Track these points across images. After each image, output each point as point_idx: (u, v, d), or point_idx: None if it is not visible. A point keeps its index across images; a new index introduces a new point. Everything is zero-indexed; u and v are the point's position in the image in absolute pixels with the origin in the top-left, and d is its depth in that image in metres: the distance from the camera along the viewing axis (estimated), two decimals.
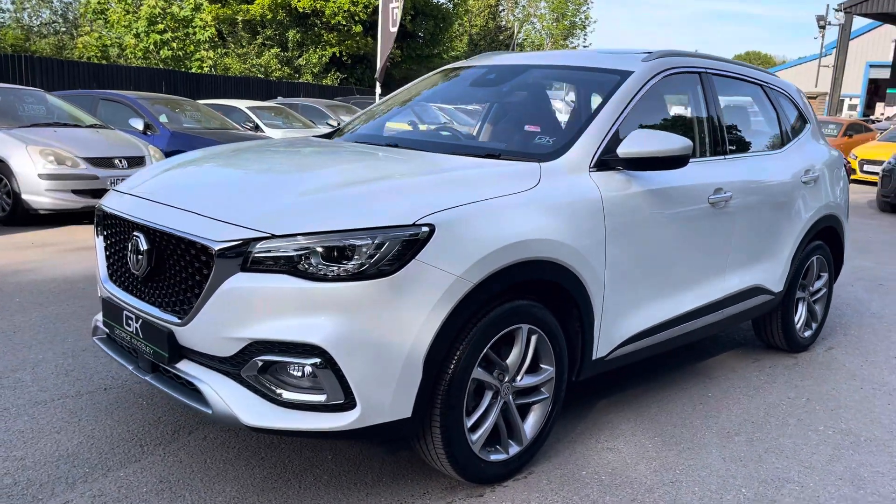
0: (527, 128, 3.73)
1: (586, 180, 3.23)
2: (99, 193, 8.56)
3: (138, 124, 10.60)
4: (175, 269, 2.76)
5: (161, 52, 22.36)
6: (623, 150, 3.29)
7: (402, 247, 2.56)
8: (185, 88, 20.84)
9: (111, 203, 3.17)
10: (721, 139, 4.12)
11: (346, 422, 2.57)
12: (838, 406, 4.13)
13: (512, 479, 3.10)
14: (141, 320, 2.88)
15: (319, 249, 2.54)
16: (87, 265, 6.41)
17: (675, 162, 3.33)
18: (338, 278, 2.53)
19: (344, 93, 25.16)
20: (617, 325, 3.42)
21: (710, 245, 3.95)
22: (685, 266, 3.81)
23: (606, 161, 3.33)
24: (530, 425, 3.15)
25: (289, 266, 2.55)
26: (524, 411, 3.14)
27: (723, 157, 4.09)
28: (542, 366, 3.12)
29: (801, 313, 4.99)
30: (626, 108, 3.51)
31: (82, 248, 7.20)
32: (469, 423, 2.88)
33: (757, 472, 3.30)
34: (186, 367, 2.77)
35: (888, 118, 32.67)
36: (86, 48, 22.53)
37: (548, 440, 3.30)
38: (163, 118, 11.05)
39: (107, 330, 3.17)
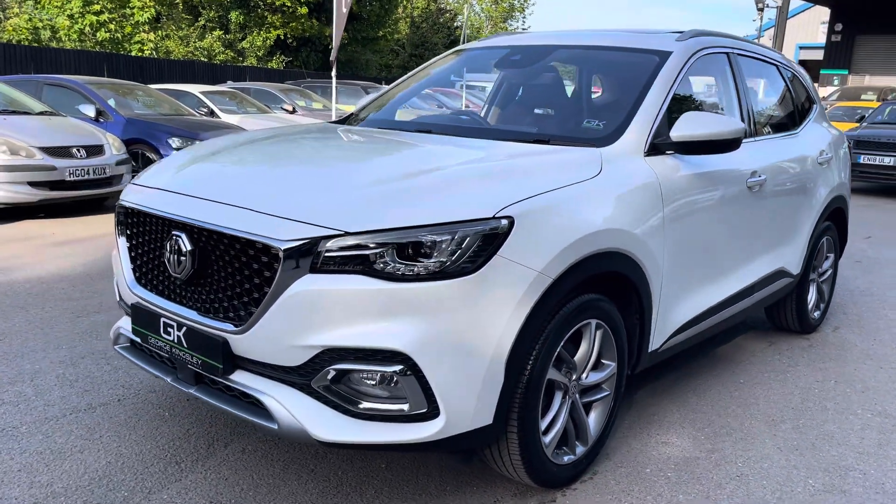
0: (594, 95, 3.54)
1: (643, 165, 3.10)
2: (57, 185, 8.07)
3: (89, 111, 10.04)
4: (227, 272, 2.51)
5: (98, 34, 21.30)
6: (677, 134, 3.17)
7: (483, 242, 2.38)
8: (128, 72, 19.90)
9: (136, 199, 2.88)
10: (752, 121, 4.04)
11: (430, 432, 2.38)
12: (866, 388, 4.12)
13: (579, 481, 2.96)
14: (185, 328, 2.62)
15: (397, 247, 2.33)
16: (60, 264, 6.00)
17: (728, 145, 3.22)
18: (418, 278, 2.33)
19: (293, 76, 24.51)
20: (670, 314, 3.31)
21: (747, 229, 3.88)
22: (726, 251, 3.72)
23: (657, 145, 3.19)
24: (593, 424, 3.01)
25: (364, 266, 2.33)
26: (587, 410, 3.00)
27: (753, 139, 4.01)
28: (603, 361, 2.99)
29: (812, 294, 4.99)
30: (670, 89, 3.38)
31: (51, 245, 6.75)
32: (542, 425, 2.73)
33: (816, 460, 3.24)
34: (243, 379, 2.53)
35: (823, 98, 33.69)
36: (16, 31, 21.31)
37: None
38: (112, 103, 10.49)
39: (136, 339, 2.88)
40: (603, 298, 2.85)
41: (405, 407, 2.37)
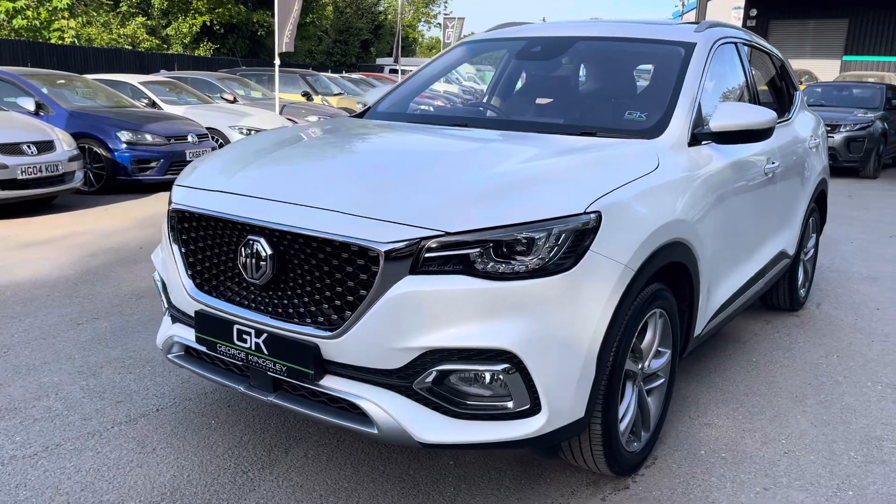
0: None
1: (691, 156, 3.18)
2: (8, 184, 7.63)
3: (28, 104, 9.53)
4: (314, 276, 2.45)
5: (14, 21, 20.12)
6: (716, 124, 3.25)
7: (576, 237, 2.40)
8: (52, 62, 18.87)
9: (196, 202, 2.77)
10: None
11: (533, 428, 2.39)
12: (867, 361, 4.35)
13: (644, 466, 3.04)
14: (266, 335, 2.54)
15: (497, 246, 2.33)
16: (35, 268, 5.70)
17: (762, 135, 3.33)
18: (518, 276, 2.33)
19: (223, 64, 23.79)
20: (711, 299, 3.42)
21: (763, 213, 4.03)
22: (749, 235, 3.86)
23: (696, 136, 3.28)
24: (653, 411, 3.09)
25: (464, 265, 2.32)
26: (647, 397, 3.07)
27: None
28: (660, 349, 3.06)
29: (800, 273, 5.22)
30: (701, 80, 3.47)
31: (16, 248, 6.39)
32: (619, 415, 2.79)
33: (849, 433, 3.41)
34: (334, 384, 2.48)
35: None
36: None
37: None
38: (50, 95, 9.96)
39: (200, 347, 2.78)
40: (665, 288, 2.92)
41: (510, 405, 2.37)
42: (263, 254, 2.50)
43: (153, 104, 12.28)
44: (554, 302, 2.37)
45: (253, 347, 2.59)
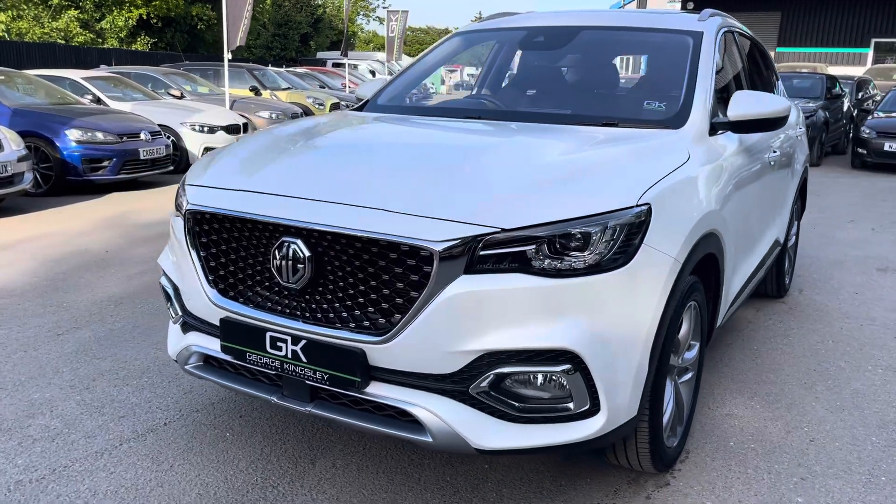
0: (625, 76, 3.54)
1: (713, 145, 3.15)
2: None
3: None
4: (359, 278, 2.31)
5: None
6: (733, 113, 3.23)
7: (630, 231, 2.33)
8: None
9: (217, 203, 2.59)
10: None
11: (592, 429, 2.32)
12: (861, 345, 4.43)
13: (678, 461, 3.00)
14: (304, 342, 2.40)
15: (552, 242, 2.24)
16: None
17: (776, 123, 3.31)
18: (575, 272, 2.25)
19: (165, 59, 22.96)
20: (729, 289, 3.40)
21: (766, 202, 4.05)
22: (757, 224, 3.87)
23: (714, 125, 3.25)
24: (685, 404, 3.05)
25: (520, 263, 2.23)
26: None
27: None
28: (691, 342, 3.02)
29: (785, 260, 5.29)
30: (712, 69, 3.44)
31: None
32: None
33: (865, 418, 3.45)
34: (381, 391, 2.35)
35: None
36: None
37: None
38: None
39: (226, 356, 2.61)
40: (698, 280, 2.88)
41: (571, 406, 2.29)
42: (301, 256, 2.36)
43: (98, 101, 11.78)
44: (613, 298, 2.29)
45: (289, 355, 2.44)
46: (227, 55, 14.06)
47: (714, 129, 3.24)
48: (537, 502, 2.69)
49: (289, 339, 2.43)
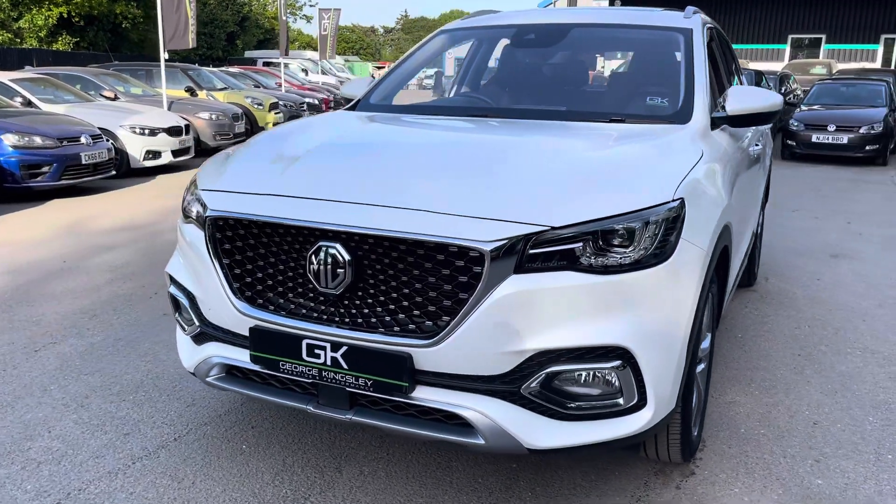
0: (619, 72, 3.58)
1: (717, 140, 3.22)
2: None
3: None
4: (404, 281, 2.27)
5: None
6: (732, 108, 3.30)
7: (667, 226, 2.36)
8: None
9: (244, 208, 2.49)
10: None
11: (641, 424, 2.34)
12: (835, 329, 4.61)
13: (698, 451, 3.06)
14: (345, 348, 2.34)
15: (598, 239, 2.25)
16: None
17: (770, 117, 3.41)
18: (621, 268, 2.26)
19: (89, 59, 22.06)
20: (732, 279, 3.49)
21: (751, 193, 4.16)
22: (746, 215, 3.98)
23: (713, 119, 3.32)
24: (702, 393, 3.11)
25: (568, 261, 2.22)
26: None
27: None
28: (706, 332, 3.09)
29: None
30: (706, 65, 3.52)
31: None
32: None
33: (859, 399, 3.59)
34: (427, 395, 2.32)
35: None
36: None
37: None
38: None
39: (255, 366, 2.52)
40: (714, 271, 2.94)
41: (621, 401, 2.30)
42: (341, 260, 2.30)
43: (29, 103, 11.24)
44: (657, 293, 2.32)
45: (328, 363, 2.38)
46: (164, 55, 13.65)
47: (714, 124, 3.32)
48: (573, 499, 2.70)
49: (328, 346, 2.37)
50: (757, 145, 4.15)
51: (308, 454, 2.95)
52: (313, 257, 2.34)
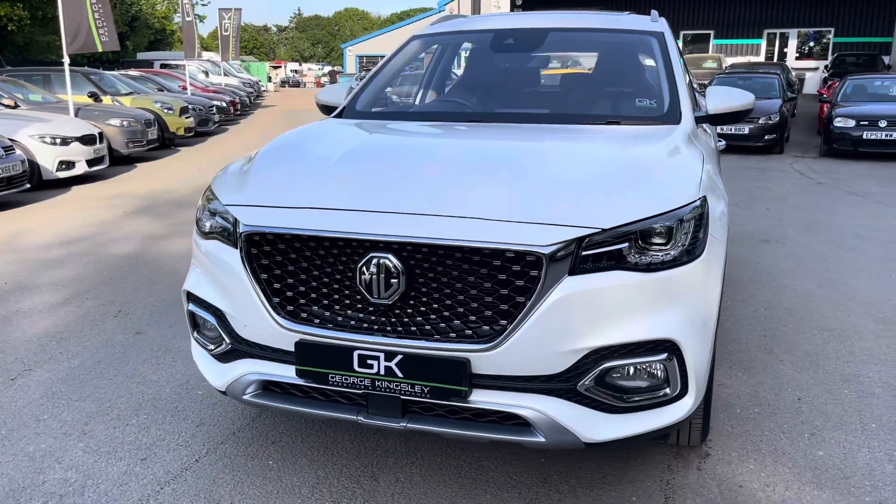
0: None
1: (701, 138, 3.41)
2: None
3: None
4: (458, 288, 2.32)
5: None
6: (712, 107, 3.51)
7: (696, 223, 2.50)
8: None
9: (283, 222, 2.46)
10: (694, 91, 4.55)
11: (683, 411, 2.47)
12: (789, 311, 4.94)
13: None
14: (401, 357, 2.37)
15: (641, 238, 2.36)
16: None
17: (745, 115, 3.64)
18: (664, 265, 2.39)
19: None
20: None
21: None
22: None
23: (696, 118, 3.52)
24: None
25: (616, 261, 2.33)
26: None
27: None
28: None
29: None
30: (682, 66, 3.72)
31: None
32: None
33: (830, 374, 3.88)
34: (484, 398, 2.38)
35: None
36: None
37: None
38: None
39: (300, 381, 2.51)
40: None
41: (668, 391, 2.43)
42: (394, 270, 2.32)
43: None
44: (695, 286, 2.46)
45: (382, 372, 2.40)
46: (66, 59, 12.99)
47: (697, 122, 3.51)
48: (607, 487, 2.82)
49: (381, 355, 2.39)
50: (720, 142, 4.39)
51: (338, 465, 2.95)
52: (364, 269, 2.35)
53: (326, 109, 4.07)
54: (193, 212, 8.52)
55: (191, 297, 2.84)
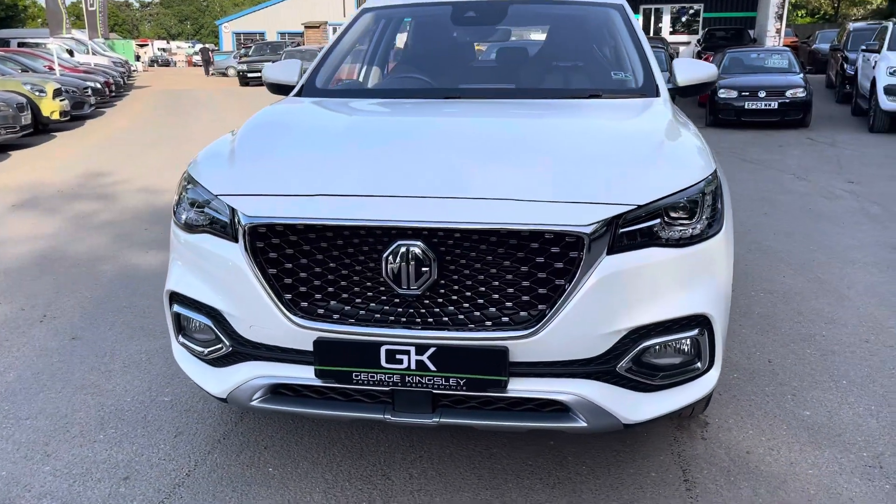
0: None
1: (678, 109, 3.42)
2: None
3: None
4: (493, 274, 2.21)
5: None
6: (682, 79, 3.54)
7: (715, 195, 2.50)
8: None
9: (297, 212, 2.27)
10: None
11: (711, 384, 2.48)
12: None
13: None
14: (433, 349, 2.24)
15: (669, 213, 2.33)
16: None
17: (710, 86, 3.69)
18: (692, 240, 2.37)
19: None
20: None
21: None
22: None
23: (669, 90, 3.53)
24: None
25: (649, 237, 2.29)
26: None
27: None
28: None
29: None
30: (645, 38, 3.72)
31: None
32: None
33: (789, 335, 4.03)
34: (522, 386, 2.29)
35: None
36: None
37: None
38: None
39: (320, 381, 2.33)
40: None
41: (699, 365, 2.42)
42: (424, 258, 2.18)
43: None
44: (721, 259, 2.46)
45: (413, 367, 2.26)
46: None
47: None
48: (623, 465, 2.80)
49: (411, 349, 2.25)
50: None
51: (343, 466, 2.79)
52: (391, 258, 2.20)
53: (277, 88, 3.82)
54: (89, 203, 7.96)
55: (176, 298, 2.59)
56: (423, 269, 2.19)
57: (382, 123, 3.07)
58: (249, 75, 29.31)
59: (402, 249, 2.18)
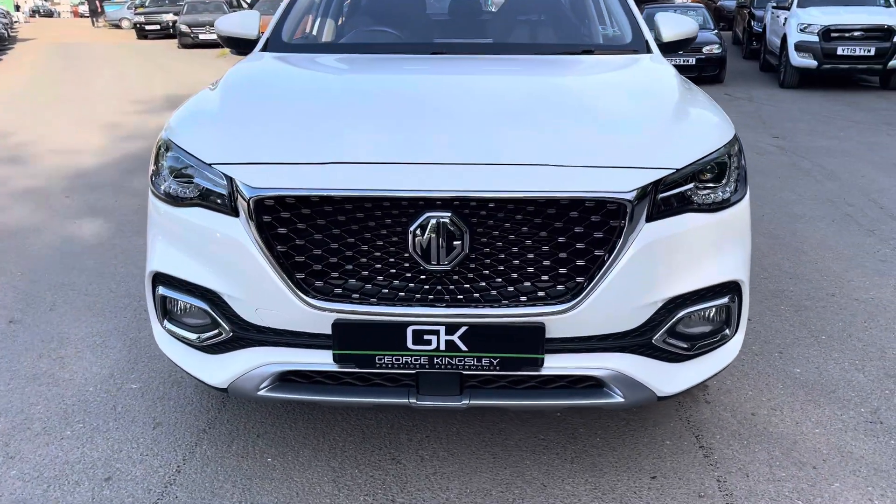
0: None
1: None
2: None
3: None
4: (527, 246, 2.06)
5: None
6: (668, 34, 3.43)
7: (739, 157, 2.42)
8: None
9: (307, 183, 2.05)
10: None
11: (736, 350, 2.43)
12: None
13: None
14: (465, 328, 2.08)
15: (701, 177, 2.23)
16: None
17: (692, 42, 3.60)
18: (723, 205, 2.28)
19: None
20: None
21: None
22: None
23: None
24: None
25: (684, 203, 2.19)
26: None
27: None
28: None
29: None
30: None
31: None
32: None
33: (758, 293, 4.06)
34: (556, 363, 2.16)
35: None
36: None
37: None
38: None
39: (338, 366, 2.14)
40: None
41: (728, 332, 2.35)
42: (455, 231, 2.00)
43: None
44: (746, 223, 2.40)
45: (442, 347, 2.10)
46: None
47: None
48: (636, 435, 2.74)
49: (441, 329, 2.09)
50: None
51: (348, 452, 2.61)
52: (418, 231, 2.01)
53: (233, 42, 3.49)
54: (2, 168, 7.28)
55: (161, 279, 2.32)
56: (455, 242, 2.01)
57: (383, 82, 2.82)
58: (148, 28, 27.74)
59: (432, 222, 2.00)
